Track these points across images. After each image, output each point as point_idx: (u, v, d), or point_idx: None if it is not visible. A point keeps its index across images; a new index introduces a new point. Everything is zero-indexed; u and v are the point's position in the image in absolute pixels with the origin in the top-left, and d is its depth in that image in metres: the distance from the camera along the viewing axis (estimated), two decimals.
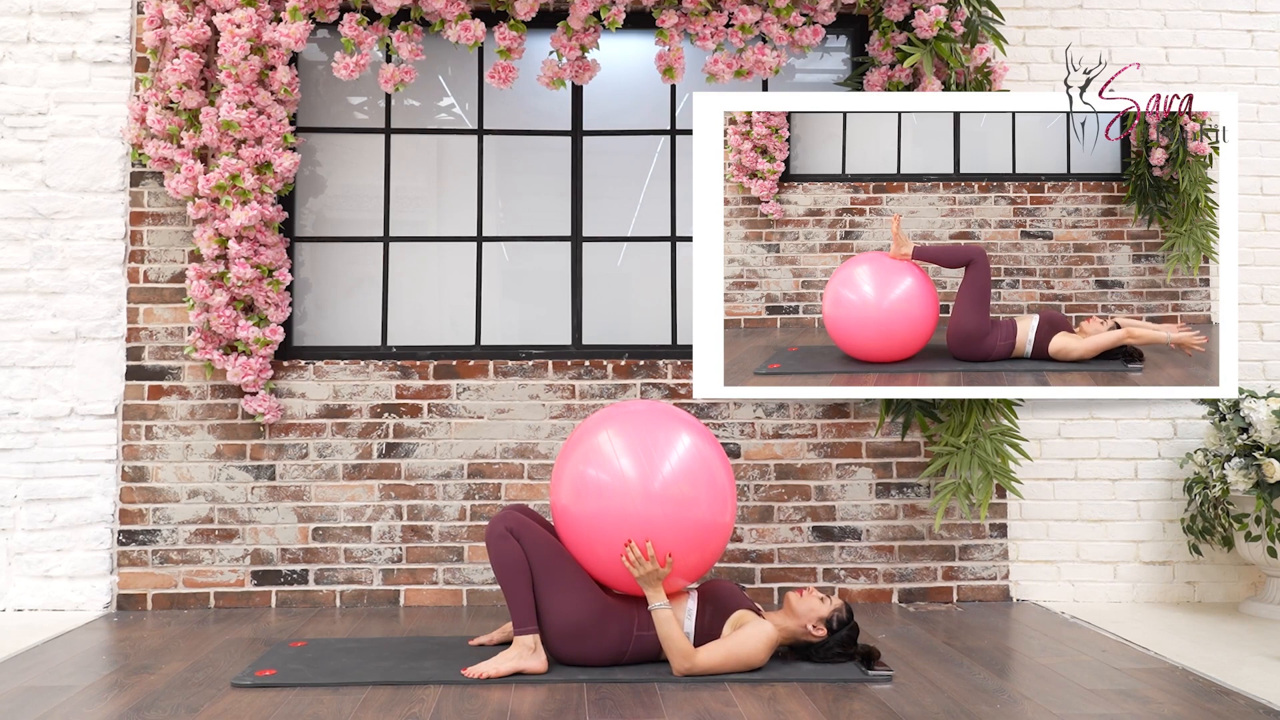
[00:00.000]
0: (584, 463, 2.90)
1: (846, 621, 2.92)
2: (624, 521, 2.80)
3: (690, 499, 2.85)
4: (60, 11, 3.91)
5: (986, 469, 3.71)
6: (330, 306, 4.08)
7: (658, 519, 2.80)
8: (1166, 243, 3.98)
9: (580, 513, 2.86)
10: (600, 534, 2.83)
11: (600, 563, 2.86)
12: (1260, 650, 3.23)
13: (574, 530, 2.88)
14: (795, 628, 2.91)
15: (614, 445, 2.89)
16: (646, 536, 2.79)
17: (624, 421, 2.96)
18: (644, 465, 2.84)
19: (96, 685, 2.77)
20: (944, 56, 3.75)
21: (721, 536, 2.96)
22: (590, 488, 2.86)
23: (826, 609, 2.91)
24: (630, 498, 2.81)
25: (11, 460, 3.81)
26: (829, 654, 2.91)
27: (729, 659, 2.80)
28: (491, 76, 3.74)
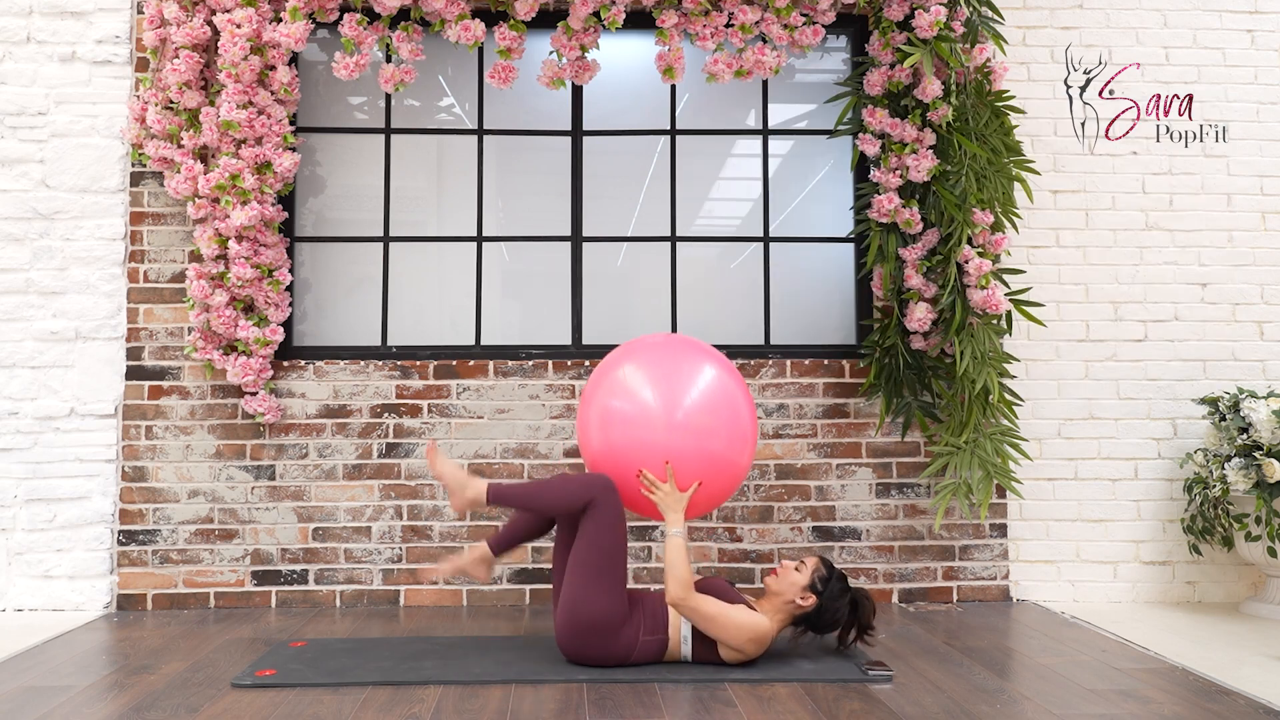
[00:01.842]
0: (609, 396, 2.95)
1: (829, 576, 2.91)
2: (644, 450, 2.85)
3: (710, 430, 2.87)
4: (60, 11, 3.91)
5: (987, 469, 3.71)
6: (330, 306, 4.08)
7: (677, 448, 2.85)
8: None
9: (604, 444, 2.92)
10: (626, 464, 2.89)
11: (633, 492, 2.93)
12: (1260, 650, 3.23)
13: (603, 463, 2.94)
14: (785, 607, 2.90)
15: (636, 378, 2.93)
16: (666, 459, 2.84)
17: (645, 355, 3.00)
18: (666, 395, 2.88)
19: (96, 685, 2.77)
20: (944, 56, 3.75)
21: (736, 475, 2.97)
22: (615, 419, 2.91)
23: (805, 576, 2.90)
24: (653, 428, 2.85)
25: (11, 460, 3.81)
26: (833, 614, 2.90)
27: (719, 617, 2.80)
28: (491, 76, 3.74)
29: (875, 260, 3.90)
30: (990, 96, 3.87)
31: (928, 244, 3.85)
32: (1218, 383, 4.08)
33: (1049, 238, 4.11)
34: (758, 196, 4.18)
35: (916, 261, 3.83)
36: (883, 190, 3.88)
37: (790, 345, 4.09)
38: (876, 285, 3.97)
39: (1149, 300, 4.11)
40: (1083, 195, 4.12)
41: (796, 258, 4.16)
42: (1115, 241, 4.12)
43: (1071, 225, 4.12)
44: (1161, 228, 4.13)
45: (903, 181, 3.86)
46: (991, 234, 3.79)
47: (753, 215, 4.18)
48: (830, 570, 2.93)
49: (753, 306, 4.13)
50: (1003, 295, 3.75)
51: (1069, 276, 4.10)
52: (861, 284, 4.09)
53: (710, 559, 3.92)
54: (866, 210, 3.93)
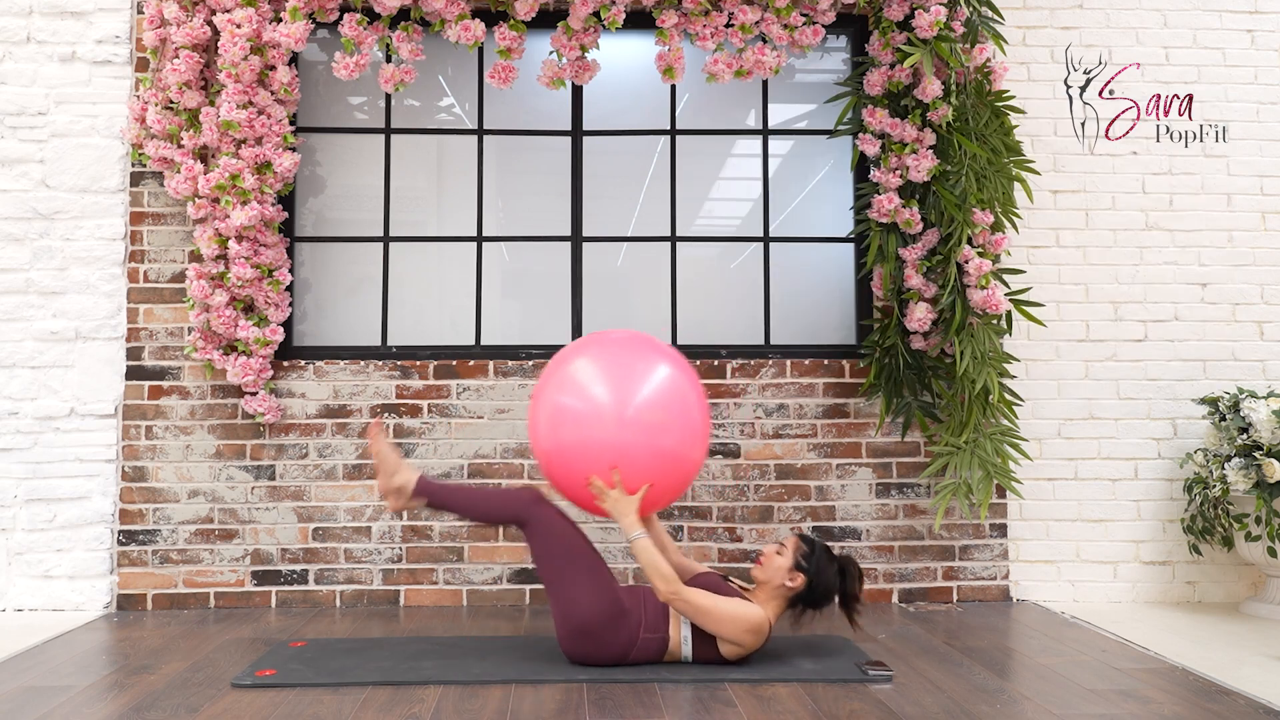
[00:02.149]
0: (559, 391, 2.89)
1: (811, 551, 2.91)
2: (596, 449, 2.80)
3: (661, 426, 2.83)
4: (60, 11, 3.91)
5: (987, 469, 3.71)
6: (330, 306, 4.07)
7: (629, 444, 2.80)
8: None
9: (556, 443, 2.86)
10: (577, 462, 2.84)
11: (582, 490, 2.88)
12: (1260, 650, 3.23)
13: (552, 461, 2.89)
14: (777, 593, 2.90)
15: (588, 372, 2.88)
16: (613, 464, 2.80)
17: (599, 349, 2.95)
18: (618, 391, 2.83)
19: (96, 685, 2.77)
20: (944, 56, 3.75)
21: (689, 472, 2.94)
22: (565, 416, 2.85)
23: (788, 557, 2.90)
24: (604, 424, 2.80)
25: (11, 460, 3.81)
26: (824, 586, 2.88)
27: (713, 609, 2.79)
28: (491, 76, 3.74)
29: (875, 260, 3.90)
30: (990, 96, 3.87)
31: (928, 244, 3.85)
32: (1218, 383, 4.08)
33: (1049, 238, 4.11)
34: (758, 196, 4.18)
35: (916, 261, 3.83)
36: (883, 190, 3.88)
37: (790, 345, 4.09)
38: (876, 285, 3.97)
39: (1149, 300, 4.11)
40: (1083, 195, 4.12)
41: (796, 258, 4.16)
42: (1115, 241, 4.12)
43: (1071, 225, 4.12)
44: (1161, 228, 4.13)
45: (903, 181, 3.86)
46: (991, 234, 3.79)
47: (753, 215, 4.18)
48: (811, 544, 2.92)
49: (753, 306, 4.13)
50: (1003, 295, 3.75)
51: (1069, 276, 4.10)
52: (861, 284, 4.09)
53: (710, 559, 3.92)
54: (866, 210, 3.93)
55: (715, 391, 3.97)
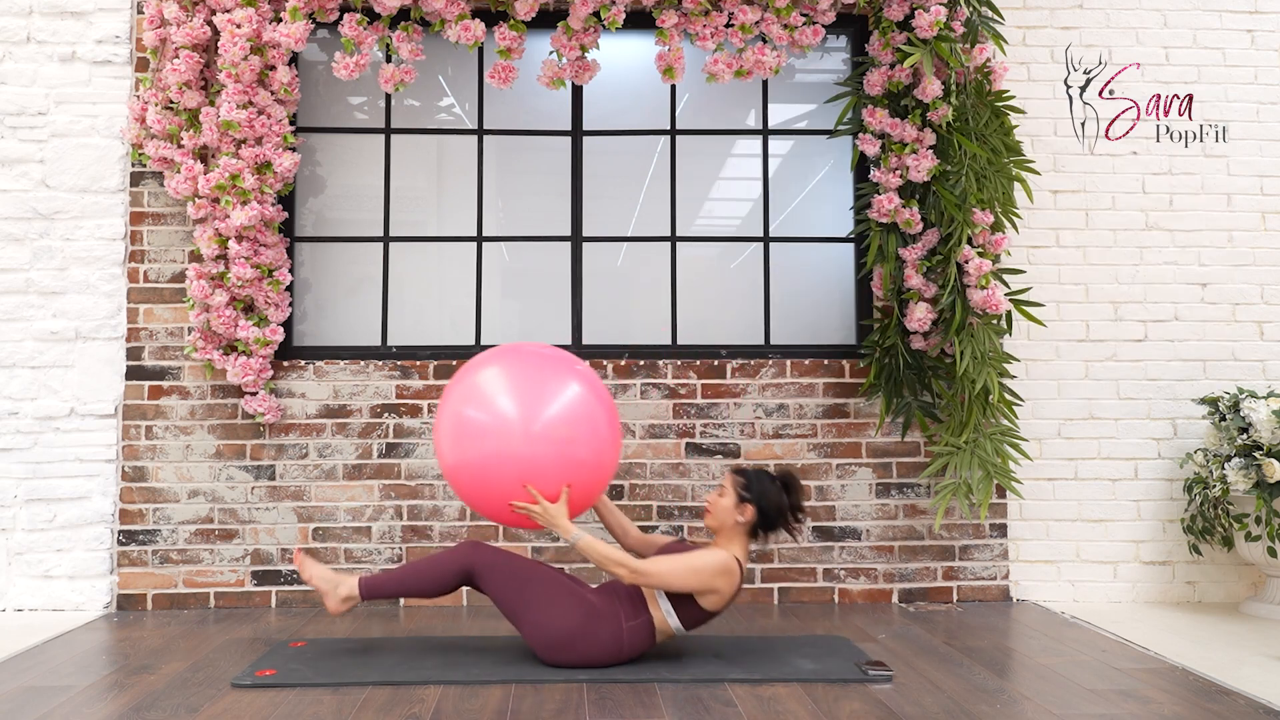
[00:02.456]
0: (464, 403, 2.85)
1: (749, 480, 2.93)
2: (504, 463, 2.76)
3: (570, 439, 2.81)
4: (60, 11, 3.91)
5: (987, 469, 3.71)
6: (330, 306, 4.07)
7: (539, 458, 2.77)
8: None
9: (459, 458, 2.82)
10: (486, 477, 2.80)
11: (491, 504, 2.84)
12: (1260, 650, 3.23)
13: (460, 476, 2.85)
14: (733, 532, 2.92)
15: (496, 385, 2.84)
16: (522, 480, 2.78)
17: (506, 362, 2.91)
18: (525, 406, 2.80)
19: (96, 685, 2.77)
20: (944, 56, 3.75)
21: (604, 475, 2.92)
22: (472, 429, 2.81)
23: (730, 494, 2.92)
24: (511, 438, 2.77)
25: (11, 460, 3.81)
26: (775, 507, 2.90)
27: (678, 568, 2.80)
28: (491, 76, 3.74)
29: (875, 260, 3.90)
30: (990, 96, 3.87)
31: (928, 244, 3.85)
32: (1218, 383, 4.08)
33: (1049, 238, 4.11)
34: (758, 196, 4.18)
35: (916, 261, 3.83)
36: (883, 190, 3.88)
37: (790, 345, 4.09)
38: (876, 285, 3.97)
39: (1149, 300, 4.11)
40: (1083, 195, 4.12)
41: (796, 258, 4.16)
42: (1115, 241, 4.12)
43: (1071, 225, 4.12)
44: (1161, 228, 4.13)
45: (903, 181, 3.86)
46: (991, 234, 3.79)
47: (753, 215, 4.18)
48: (747, 474, 2.95)
49: (753, 306, 4.13)
50: (1003, 295, 3.75)
51: (1069, 276, 4.10)
52: (861, 284, 4.09)
53: None
54: (866, 210, 3.93)
55: (715, 391, 3.98)
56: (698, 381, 3.98)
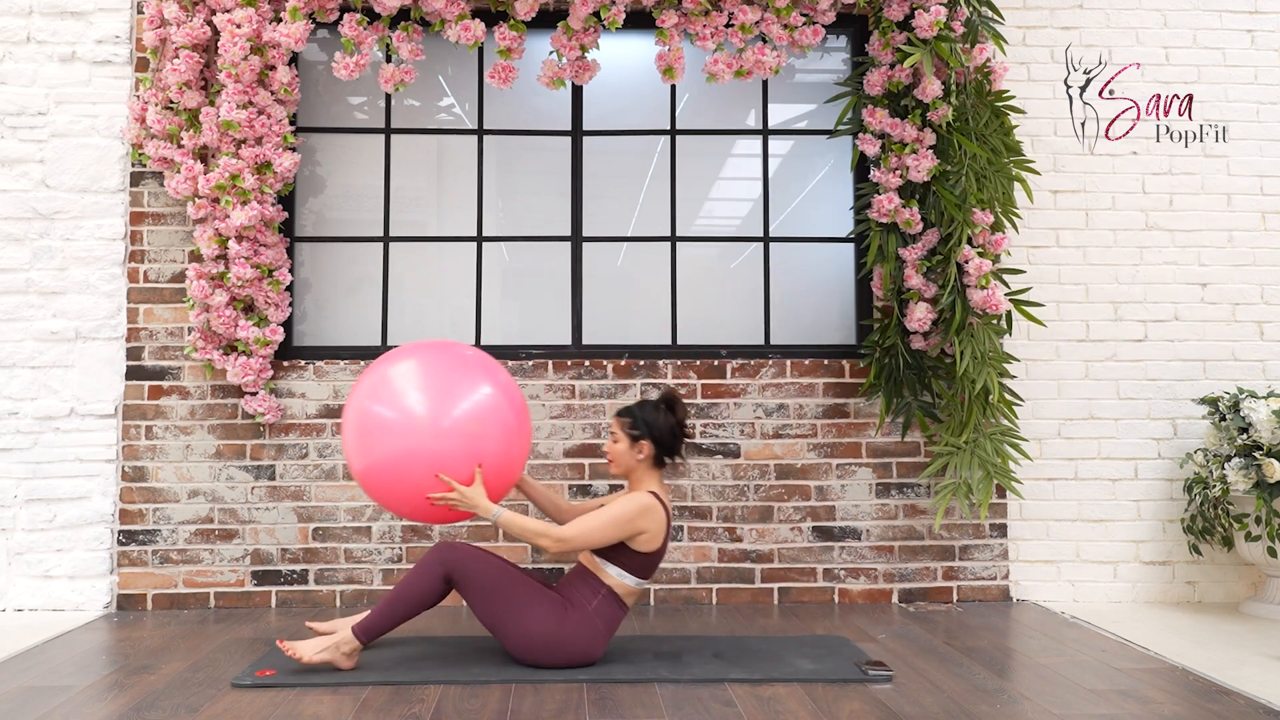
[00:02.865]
0: (372, 399, 2.82)
1: (634, 416, 2.97)
2: (414, 460, 2.75)
3: (479, 434, 2.80)
4: (60, 11, 3.91)
5: (987, 469, 3.71)
6: (330, 306, 4.07)
7: (447, 453, 2.76)
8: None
9: (371, 460, 2.79)
10: (396, 475, 2.77)
11: (408, 502, 2.82)
12: (1260, 650, 3.23)
13: (371, 476, 2.82)
14: (639, 469, 2.96)
15: (405, 381, 2.82)
16: (432, 472, 2.75)
17: (417, 358, 2.89)
18: (434, 403, 2.78)
19: (96, 685, 2.77)
20: (944, 56, 3.75)
21: (515, 468, 2.92)
22: (377, 426, 2.78)
23: (623, 437, 2.96)
24: (419, 435, 2.75)
25: (11, 460, 3.81)
26: (667, 433, 2.95)
27: (602, 524, 2.82)
28: (491, 76, 3.74)
29: (875, 260, 3.90)
30: (990, 96, 3.88)
31: (928, 244, 3.86)
32: (1218, 383, 4.08)
33: (1049, 238, 4.11)
34: (758, 196, 4.18)
35: (916, 261, 3.83)
36: (883, 190, 3.88)
37: (790, 345, 4.09)
38: (876, 285, 3.97)
39: (1149, 300, 4.11)
40: (1083, 195, 4.12)
41: (796, 258, 4.16)
42: (1115, 241, 4.12)
43: (1071, 225, 4.12)
44: (1161, 228, 4.13)
45: (903, 181, 3.86)
46: (991, 234, 3.79)
47: (753, 215, 4.18)
48: (631, 411, 3.00)
49: (753, 306, 4.13)
50: (1003, 295, 3.75)
51: (1069, 276, 4.10)
52: (861, 284, 4.09)
53: (710, 559, 3.92)
54: (866, 210, 3.93)
55: (715, 391, 3.98)
56: (698, 381, 3.98)
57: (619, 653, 3.06)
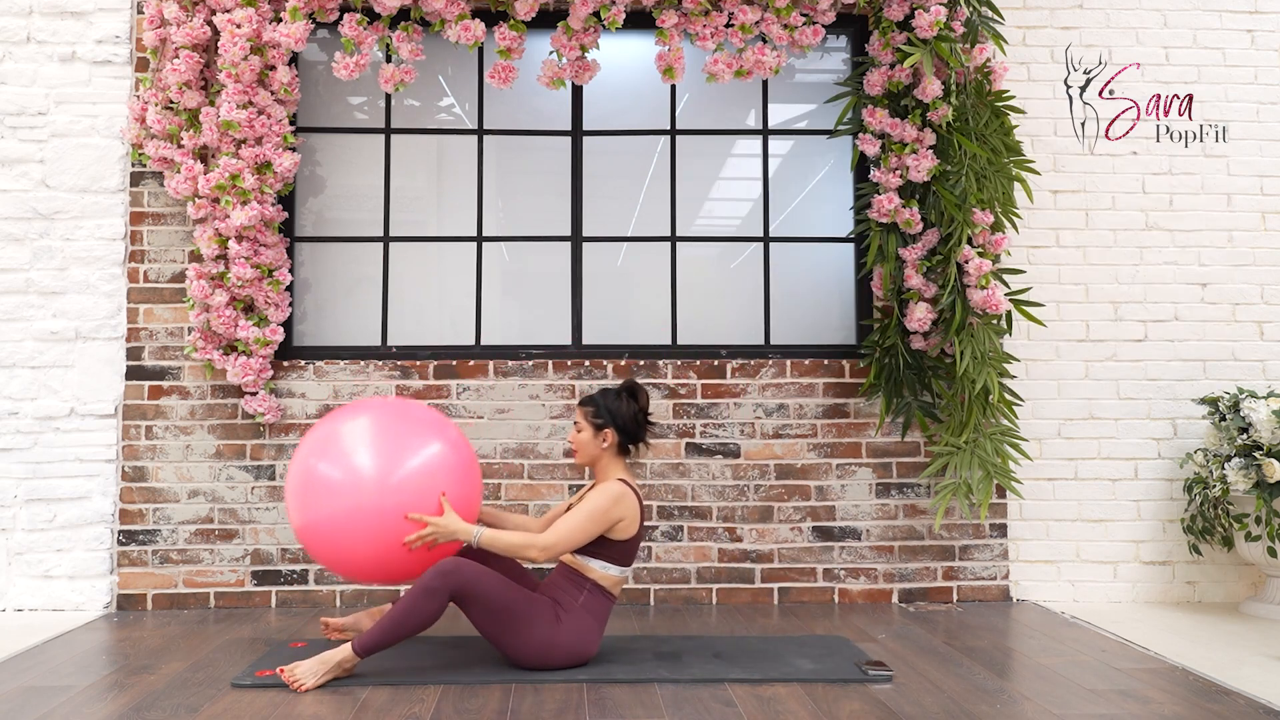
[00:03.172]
0: (318, 457, 2.84)
1: (597, 405, 2.97)
2: (360, 518, 2.75)
3: (430, 488, 2.82)
4: (60, 11, 3.91)
5: (987, 469, 3.71)
6: (330, 306, 4.07)
7: (392, 508, 2.76)
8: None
9: (313, 518, 2.79)
10: (343, 533, 2.77)
11: (355, 560, 2.81)
12: (1260, 650, 3.23)
13: (318, 537, 2.82)
14: (604, 458, 2.96)
15: (354, 439, 2.83)
16: (404, 514, 2.76)
17: (367, 416, 2.90)
18: (381, 462, 2.79)
19: (96, 685, 2.77)
20: (944, 56, 3.75)
21: (473, 498, 2.94)
22: (321, 485, 2.79)
23: (586, 427, 2.96)
24: (365, 493, 2.75)
25: (11, 460, 3.81)
26: (631, 421, 2.96)
27: (582, 523, 2.83)
28: (491, 76, 3.74)
29: (875, 260, 3.90)
30: (990, 96, 3.88)
31: (928, 244, 3.86)
32: (1218, 383, 4.08)
33: (1049, 238, 4.11)
34: (758, 196, 4.18)
35: (916, 261, 3.83)
36: (883, 190, 3.88)
37: (790, 345, 4.09)
38: (876, 285, 3.97)
39: (1149, 300, 4.11)
40: (1083, 195, 4.12)
41: (796, 258, 4.16)
42: (1115, 241, 4.12)
43: (1071, 225, 4.12)
44: (1161, 228, 4.13)
45: (903, 181, 3.86)
46: (991, 234, 3.79)
47: (753, 215, 4.18)
48: (594, 400, 3.00)
49: (753, 306, 4.13)
50: (1003, 295, 3.75)
51: (1069, 276, 4.10)
52: (861, 284, 4.09)
53: (710, 559, 3.92)
54: (866, 210, 3.93)
55: (715, 391, 3.98)
56: (698, 381, 3.98)
57: (619, 653, 3.06)
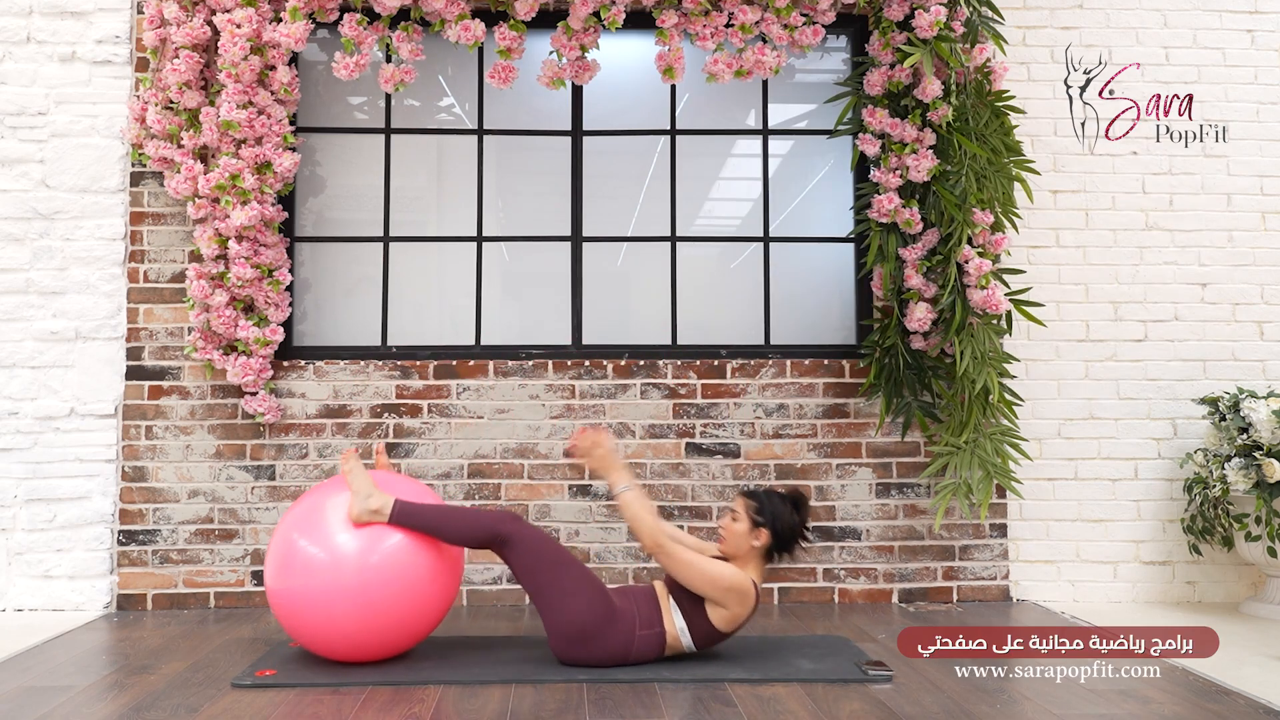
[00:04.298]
0: (298, 531, 2.86)
1: (761, 503, 2.91)
2: (335, 597, 2.76)
3: (411, 564, 2.82)
4: (60, 11, 3.91)
5: (987, 469, 3.71)
6: (330, 306, 4.07)
7: (375, 585, 2.77)
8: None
9: (290, 587, 2.82)
10: (315, 609, 2.79)
11: (316, 634, 2.83)
12: (1260, 650, 3.23)
13: (288, 606, 2.84)
14: (750, 555, 2.90)
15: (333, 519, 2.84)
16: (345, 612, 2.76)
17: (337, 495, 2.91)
18: (358, 539, 2.80)
19: (96, 685, 2.77)
20: (944, 56, 3.75)
21: (452, 587, 2.97)
22: (300, 561, 2.81)
23: (744, 519, 2.90)
24: (344, 571, 2.76)
25: (11, 460, 3.80)
26: (789, 530, 2.89)
27: (695, 563, 2.80)
28: (491, 76, 3.74)
29: (875, 260, 3.90)
30: (990, 96, 3.88)
31: (928, 244, 3.86)
32: (1218, 383, 4.08)
33: (1049, 238, 4.11)
34: (758, 196, 4.18)
35: (916, 261, 3.83)
36: (883, 190, 3.88)
37: (790, 345, 4.09)
38: (876, 285, 3.97)
39: (1149, 300, 4.11)
40: (1083, 195, 4.12)
41: (796, 258, 4.16)
42: (1115, 241, 4.12)
43: (1071, 225, 4.12)
44: (1161, 228, 4.13)
45: (903, 181, 3.86)
46: (991, 234, 3.79)
47: (753, 215, 4.18)
48: (759, 497, 2.93)
49: (753, 306, 4.13)
50: (1003, 295, 3.75)
51: (1069, 276, 4.10)
52: (861, 284, 4.09)
53: None
54: (866, 210, 3.93)
55: (715, 391, 3.98)
56: (698, 381, 3.98)
57: None
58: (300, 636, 2.89)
